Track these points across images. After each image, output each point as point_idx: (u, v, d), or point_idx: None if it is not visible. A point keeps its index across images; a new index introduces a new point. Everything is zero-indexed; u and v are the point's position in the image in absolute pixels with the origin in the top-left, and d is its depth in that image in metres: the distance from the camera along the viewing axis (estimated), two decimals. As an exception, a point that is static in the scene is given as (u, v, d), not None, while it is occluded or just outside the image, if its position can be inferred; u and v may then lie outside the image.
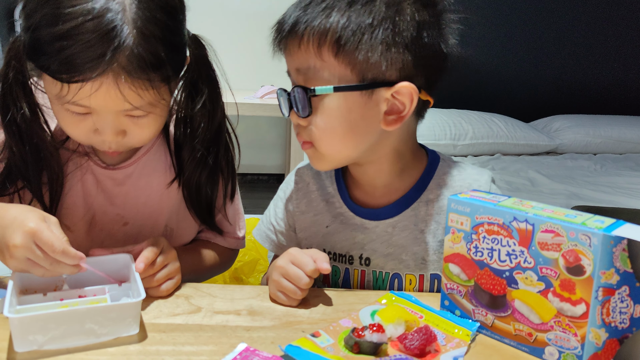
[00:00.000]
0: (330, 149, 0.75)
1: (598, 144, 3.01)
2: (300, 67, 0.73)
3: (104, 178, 0.86)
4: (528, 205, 0.65)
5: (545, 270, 0.61)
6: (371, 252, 0.83)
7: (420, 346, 0.61)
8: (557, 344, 0.61)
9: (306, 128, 0.75)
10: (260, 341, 0.64)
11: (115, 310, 0.62)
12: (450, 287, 0.71)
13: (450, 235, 0.69)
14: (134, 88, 0.69)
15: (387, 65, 0.70)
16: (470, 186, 0.82)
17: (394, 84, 0.71)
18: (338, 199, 0.85)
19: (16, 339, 0.59)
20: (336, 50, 0.70)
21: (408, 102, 0.72)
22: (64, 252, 0.63)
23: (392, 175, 0.82)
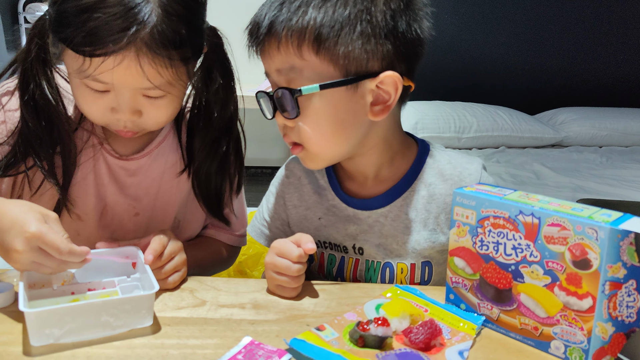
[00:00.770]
0: (321, 148, 0.75)
1: (604, 136, 2.99)
2: (280, 68, 0.72)
3: (116, 168, 0.86)
4: (534, 198, 0.64)
5: (551, 264, 0.60)
6: (363, 242, 0.83)
7: (425, 340, 0.61)
8: (563, 338, 0.61)
9: (294, 129, 0.75)
10: (265, 335, 0.64)
11: (130, 303, 0.62)
12: (455, 280, 0.70)
13: (455, 228, 0.69)
14: (154, 65, 0.70)
15: (369, 57, 0.70)
16: (460, 174, 0.82)
17: (377, 75, 0.71)
18: (330, 191, 0.86)
19: (32, 333, 0.59)
20: (317, 47, 0.69)
21: (393, 90, 0.72)
22: (70, 252, 0.63)
23: (382, 165, 0.82)
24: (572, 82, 3.39)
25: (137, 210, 0.89)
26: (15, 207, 0.65)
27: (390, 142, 0.81)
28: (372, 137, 0.78)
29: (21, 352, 0.59)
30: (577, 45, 3.33)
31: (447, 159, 0.84)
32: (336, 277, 0.86)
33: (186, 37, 0.71)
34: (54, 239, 0.62)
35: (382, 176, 0.83)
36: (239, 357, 0.58)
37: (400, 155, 0.83)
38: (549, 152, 2.82)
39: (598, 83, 3.41)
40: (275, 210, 0.91)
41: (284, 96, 0.72)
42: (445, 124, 2.81)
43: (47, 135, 0.80)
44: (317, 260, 0.88)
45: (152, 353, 0.60)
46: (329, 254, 0.86)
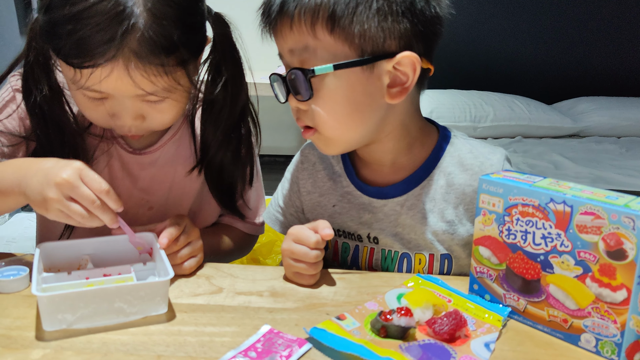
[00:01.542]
0: (336, 131, 0.72)
1: (624, 127, 2.92)
2: (294, 48, 0.69)
3: (130, 162, 0.85)
4: (565, 186, 0.62)
5: (583, 254, 0.58)
6: (379, 231, 0.80)
7: (450, 331, 0.59)
8: (594, 331, 0.58)
9: (307, 112, 0.72)
10: (284, 323, 0.62)
11: (144, 289, 0.61)
12: (480, 270, 0.68)
13: (480, 217, 0.66)
14: (145, 74, 0.67)
15: (386, 36, 0.67)
16: (482, 164, 0.78)
17: (394, 55, 0.68)
18: (345, 178, 0.83)
19: (45, 318, 0.58)
20: (331, 26, 0.66)
21: (411, 72, 0.69)
22: (109, 193, 0.64)
23: (400, 152, 0.79)
24: (591, 71, 3.31)
25: (151, 204, 0.87)
26: (47, 161, 0.67)
27: (408, 128, 0.77)
28: (389, 122, 0.74)
29: (35, 337, 0.58)
30: (597, 33, 3.25)
31: (469, 148, 0.80)
32: (351, 266, 0.84)
33: (180, 40, 0.67)
34: (96, 176, 0.64)
35: (400, 164, 0.79)
36: (258, 346, 0.57)
37: (419, 142, 0.79)
38: (567, 143, 2.77)
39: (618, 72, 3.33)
40: (290, 197, 0.89)
41: (297, 77, 0.69)
42: (461, 113, 2.77)
43: (57, 139, 0.79)
44: (332, 248, 0.86)
45: (169, 340, 0.58)
46: (342, 242, 0.84)
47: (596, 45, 3.26)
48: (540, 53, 3.24)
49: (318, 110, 0.70)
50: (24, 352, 0.55)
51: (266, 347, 0.57)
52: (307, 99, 0.70)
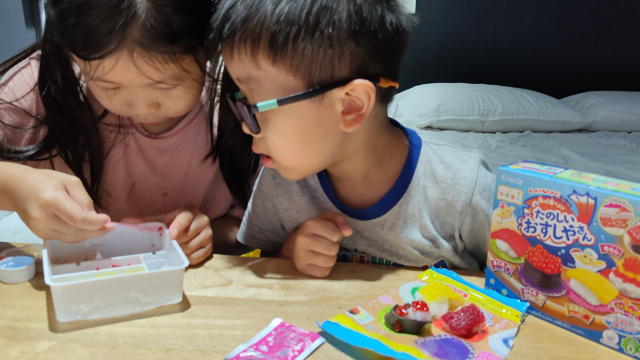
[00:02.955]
0: (291, 161, 0.67)
1: (634, 121, 2.88)
2: (240, 76, 0.64)
3: (146, 146, 0.84)
4: (588, 177, 0.60)
5: (607, 248, 0.55)
6: (365, 247, 0.77)
7: (467, 326, 0.57)
8: (617, 328, 0.56)
9: (261, 140, 0.67)
10: (296, 316, 0.61)
11: (160, 278, 0.60)
12: (497, 264, 0.66)
13: (499, 209, 0.64)
14: (151, 62, 0.65)
15: (334, 62, 0.60)
16: (454, 177, 0.73)
17: (346, 82, 0.61)
18: (322, 193, 0.77)
19: (59, 309, 0.57)
20: (273, 56, 0.60)
21: (365, 98, 0.62)
22: (85, 221, 0.60)
23: (369, 168, 0.73)
24: (600, 66, 3.27)
25: (166, 190, 0.87)
26: (35, 175, 0.63)
27: (374, 145, 0.72)
28: (351, 144, 0.68)
29: (42, 329, 0.56)
30: (606, 27, 3.21)
31: (440, 158, 0.74)
32: None
33: (184, 27, 0.65)
34: (67, 207, 0.59)
35: (372, 179, 0.74)
36: (270, 340, 0.55)
37: (389, 156, 0.74)
38: (576, 137, 2.74)
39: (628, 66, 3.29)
40: (265, 215, 0.83)
41: (241, 109, 0.64)
42: (469, 107, 2.74)
43: (69, 129, 0.78)
44: None
45: (178, 333, 0.57)
46: None
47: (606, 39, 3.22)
48: (549, 46, 3.20)
49: (270, 140, 0.65)
50: (30, 344, 0.53)
51: (278, 341, 0.55)
52: (256, 133, 0.66)
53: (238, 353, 0.53)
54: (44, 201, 0.59)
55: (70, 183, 0.62)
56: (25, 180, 0.62)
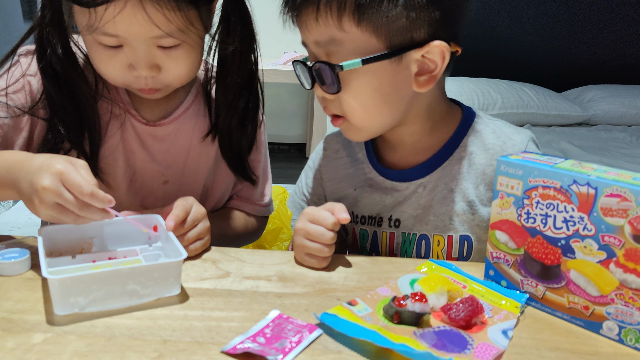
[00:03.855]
0: (365, 121, 0.72)
1: (634, 115, 2.88)
2: (319, 40, 0.68)
3: (144, 135, 0.83)
4: (589, 167, 0.59)
5: (607, 239, 0.55)
6: (400, 213, 0.80)
7: (466, 317, 0.57)
8: (617, 319, 0.56)
9: (334, 102, 0.71)
10: (294, 308, 0.60)
11: (158, 270, 0.59)
12: (496, 255, 0.66)
13: (498, 200, 0.64)
14: (159, 8, 0.65)
15: (414, 25, 0.65)
16: (503, 144, 0.77)
17: (422, 44, 0.66)
18: (367, 164, 0.83)
19: (56, 302, 0.56)
20: (358, 18, 0.64)
21: (440, 59, 0.68)
22: (92, 195, 0.59)
23: (422, 134, 0.78)
24: (600, 59, 3.26)
25: (167, 177, 0.86)
26: (43, 155, 0.63)
27: (433, 111, 0.77)
28: (416, 107, 0.74)
29: (38, 320, 0.56)
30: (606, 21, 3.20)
31: (492, 128, 0.79)
32: (370, 252, 0.83)
33: None
34: (78, 178, 0.58)
35: (421, 145, 0.79)
36: (267, 331, 0.55)
37: (442, 124, 0.79)
38: (576, 131, 2.73)
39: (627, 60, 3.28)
40: (313, 185, 0.89)
41: (323, 70, 0.68)
42: (468, 100, 2.73)
43: (69, 103, 0.77)
44: (350, 235, 0.85)
45: (175, 325, 0.56)
46: (360, 229, 0.83)
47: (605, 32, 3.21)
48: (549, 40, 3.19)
49: (346, 101, 0.70)
50: (26, 336, 0.53)
51: (275, 333, 0.54)
52: (335, 93, 0.69)
53: (235, 344, 0.52)
54: (55, 170, 0.58)
55: (79, 164, 0.61)
56: (33, 160, 0.62)
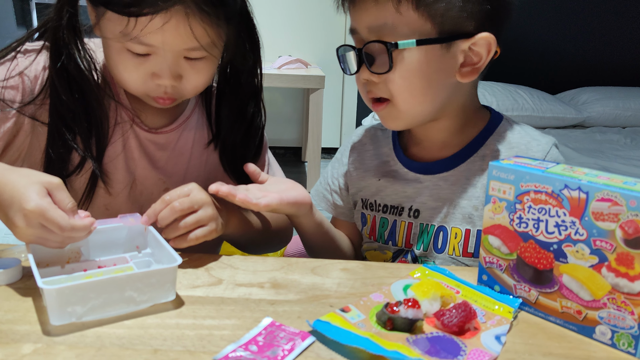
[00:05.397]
0: (409, 104, 0.75)
1: (628, 117, 2.90)
2: (374, 24, 0.71)
3: (146, 142, 0.84)
4: (580, 172, 0.59)
5: (599, 243, 0.55)
6: (420, 204, 0.82)
7: (459, 323, 0.57)
8: (610, 323, 0.56)
9: (379, 85, 0.74)
10: (286, 316, 0.60)
11: (155, 276, 0.59)
12: (489, 260, 0.66)
13: (490, 205, 0.64)
14: (202, 23, 0.68)
15: (466, 16, 0.70)
16: (528, 144, 0.79)
17: (471, 36, 0.71)
18: (393, 157, 0.86)
19: (53, 312, 0.55)
20: (416, 2, 0.69)
21: (485, 52, 0.72)
22: (73, 228, 0.59)
23: (453, 132, 0.82)
24: (594, 61, 3.28)
25: (167, 185, 0.86)
26: (15, 178, 0.61)
27: (466, 109, 0.81)
28: (452, 101, 0.78)
29: (27, 331, 0.55)
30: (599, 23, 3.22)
31: (518, 130, 0.82)
32: (387, 241, 0.85)
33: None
34: (54, 216, 0.58)
35: (450, 142, 0.82)
36: (259, 339, 0.54)
37: (471, 125, 0.82)
38: (570, 133, 2.74)
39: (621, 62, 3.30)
40: (337, 175, 0.93)
41: (377, 49, 0.71)
42: (463, 103, 2.74)
43: (80, 107, 0.77)
44: (369, 224, 0.87)
45: (166, 333, 0.56)
46: (380, 217, 0.85)
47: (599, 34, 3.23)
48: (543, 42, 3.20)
49: (394, 82, 0.73)
50: (15, 347, 0.52)
51: (268, 341, 0.54)
52: (386, 72, 0.72)
53: (227, 353, 0.52)
54: (28, 211, 0.57)
55: (53, 186, 0.60)
56: (5, 183, 0.60)
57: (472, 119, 0.82)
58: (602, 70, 3.29)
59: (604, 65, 3.29)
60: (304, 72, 2.77)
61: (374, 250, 0.88)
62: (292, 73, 2.69)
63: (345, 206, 0.93)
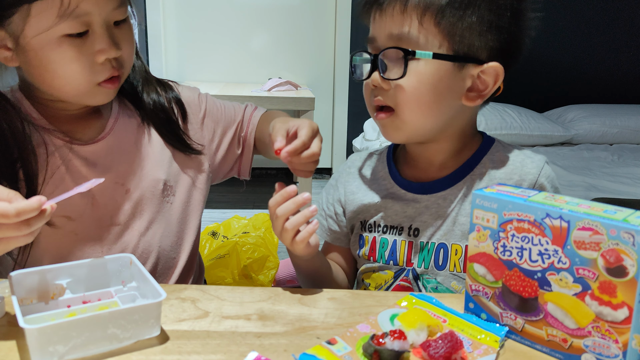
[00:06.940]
0: (414, 115, 0.76)
1: (615, 134, 2.93)
2: (395, 32, 0.74)
3: (89, 155, 0.84)
4: (562, 200, 0.60)
5: (582, 272, 0.55)
6: (420, 223, 0.83)
7: (445, 354, 0.56)
8: (595, 351, 0.56)
9: (388, 92, 0.76)
10: (272, 349, 0.60)
11: (138, 312, 0.58)
12: (475, 288, 0.66)
13: (475, 233, 0.64)
14: None
15: (481, 43, 0.73)
16: (523, 161, 0.82)
17: (483, 63, 0.74)
18: (389, 180, 0.87)
19: (34, 351, 0.54)
20: (440, 18, 0.72)
21: (492, 81, 0.76)
22: (19, 211, 0.56)
23: (450, 154, 0.84)
24: (581, 79, 3.33)
25: (126, 186, 0.86)
26: None
27: (464, 134, 0.83)
28: (454, 124, 0.80)
29: (10, 371, 0.55)
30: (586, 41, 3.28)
31: (511, 148, 0.85)
32: (388, 261, 0.85)
33: None
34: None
35: (446, 164, 0.84)
36: (245, 375, 0.54)
37: (468, 148, 0.84)
38: (558, 151, 2.77)
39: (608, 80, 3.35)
40: (332, 200, 0.93)
41: (393, 57, 0.74)
42: (452, 123, 2.76)
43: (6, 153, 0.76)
44: (368, 245, 0.87)
45: (151, 370, 0.55)
46: (381, 238, 0.86)
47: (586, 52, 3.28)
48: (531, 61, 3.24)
49: (404, 90, 0.75)
50: (-4, 388, 0.52)
51: (253, 376, 0.54)
52: (398, 78, 0.74)
53: (212, 390, 0.51)
54: None
55: None
56: None
57: (468, 143, 0.85)
58: (589, 88, 3.34)
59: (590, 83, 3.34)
60: (294, 94, 2.79)
61: (373, 272, 0.87)
62: (282, 95, 2.71)
63: (341, 231, 0.93)
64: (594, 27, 3.25)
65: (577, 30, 3.25)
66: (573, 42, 3.27)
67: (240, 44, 3.32)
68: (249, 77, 3.34)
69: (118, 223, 0.85)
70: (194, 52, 3.35)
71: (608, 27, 3.27)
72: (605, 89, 3.35)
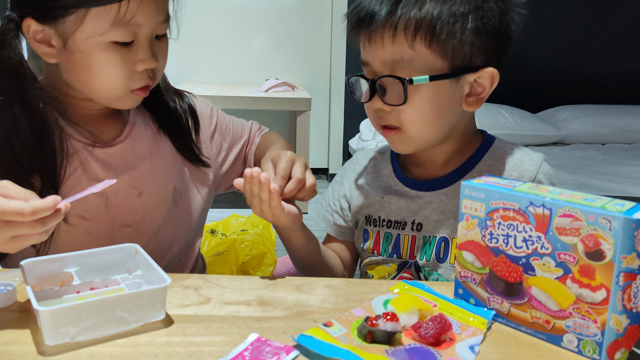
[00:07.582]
0: (420, 131, 0.80)
1: (606, 134, 2.98)
2: (388, 59, 0.76)
3: (107, 158, 0.86)
4: (544, 190, 0.63)
5: (563, 256, 0.59)
6: (423, 218, 0.87)
7: (435, 335, 0.60)
8: (576, 331, 0.59)
9: (391, 113, 0.79)
10: (272, 331, 0.63)
11: (144, 297, 0.62)
12: (464, 275, 0.69)
13: (463, 222, 0.68)
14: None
15: (475, 52, 0.76)
16: (522, 158, 0.86)
17: (478, 69, 0.77)
18: (393, 178, 0.91)
19: (47, 333, 0.58)
20: (430, 39, 0.74)
21: (488, 84, 0.79)
22: (35, 210, 0.58)
23: (453, 154, 0.87)
24: (574, 80, 3.38)
25: (139, 189, 0.89)
26: None
27: (466, 134, 0.87)
28: (457, 127, 0.84)
29: (24, 351, 0.58)
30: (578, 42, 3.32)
31: (510, 146, 0.89)
32: (392, 254, 0.89)
33: None
34: (9, 206, 0.58)
35: (449, 163, 0.88)
36: (246, 354, 0.57)
37: (470, 146, 0.88)
38: (550, 150, 2.81)
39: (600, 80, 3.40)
40: (338, 196, 0.97)
41: (391, 82, 0.76)
42: (446, 123, 2.80)
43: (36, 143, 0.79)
44: (373, 239, 0.90)
45: (157, 351, 0.58)
46: (385, 232, 0.89)
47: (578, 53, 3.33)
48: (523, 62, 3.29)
49: (408, 112, 0.78)
50: (11, 367, 0.55)
51: (254, 355, 0.57)
52: (400, 104, 0.77)
53: (215, 368, 0.54)
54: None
55: (0, 186, 0.61)
56: None
57: (470, 142, 0.88)
58: (581, 89, 3.39)
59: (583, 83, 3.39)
60: (291, 94, 2.83)
61: (377, 265, 0.91)
62: (279, 96, 2.75)
63: (346, 225, 0.96)
64: (586, 29, 3.30)
65: (570, 32, 3.30)
66: (566, 44, 3.32)
67: (237, 45, 3.36)
68: (246, 79, 3.37)
69: (129, 224, 0.88)
70: (192, 53, 3.38)
71: (600, 29, 3.32)
72: (597, 89, 3.40)
